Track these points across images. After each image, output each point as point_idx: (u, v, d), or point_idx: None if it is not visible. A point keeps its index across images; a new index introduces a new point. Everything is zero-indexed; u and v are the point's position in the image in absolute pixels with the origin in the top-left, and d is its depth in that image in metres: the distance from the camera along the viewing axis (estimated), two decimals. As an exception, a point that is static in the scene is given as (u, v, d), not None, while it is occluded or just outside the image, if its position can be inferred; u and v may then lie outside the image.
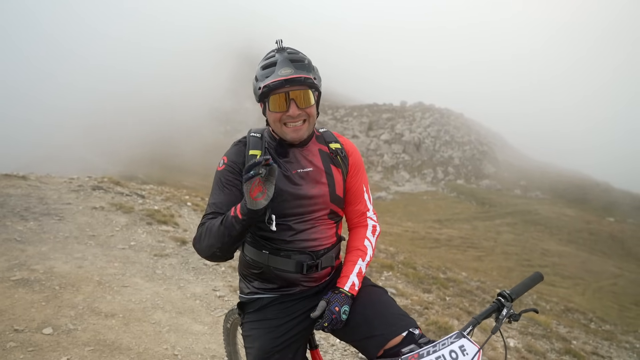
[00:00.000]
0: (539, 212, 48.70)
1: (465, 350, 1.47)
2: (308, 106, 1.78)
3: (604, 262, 35.58)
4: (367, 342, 1.78)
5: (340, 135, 2.05)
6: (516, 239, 39.28)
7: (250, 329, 1.91)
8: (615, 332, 10.63)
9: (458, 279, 9.92)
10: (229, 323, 2.73)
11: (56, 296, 4.05)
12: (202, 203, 9.31)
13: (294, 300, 1.92)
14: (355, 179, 2.00)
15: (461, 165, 71.24)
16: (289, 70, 1.72)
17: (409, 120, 79.54)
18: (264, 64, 1.79)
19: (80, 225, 6.07)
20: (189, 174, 48.62)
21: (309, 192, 1.86)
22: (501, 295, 1.59)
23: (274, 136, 1.90)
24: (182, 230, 6.78)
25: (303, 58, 1.79)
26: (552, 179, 67.21)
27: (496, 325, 1.52)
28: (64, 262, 4.82)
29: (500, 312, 1.56)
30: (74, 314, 3.78)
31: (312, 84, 1.77)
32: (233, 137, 64.68)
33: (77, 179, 8.75)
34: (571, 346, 6.42)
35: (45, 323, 3.58)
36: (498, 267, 29.77)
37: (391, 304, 1.89)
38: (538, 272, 1.70)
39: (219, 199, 1.83)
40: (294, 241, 1.85)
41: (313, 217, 1.88)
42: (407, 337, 1.71)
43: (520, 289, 1.63)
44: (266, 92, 1.75)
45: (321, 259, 1.90)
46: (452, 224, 45.24)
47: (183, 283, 4.83)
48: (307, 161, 1.90)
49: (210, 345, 3.66)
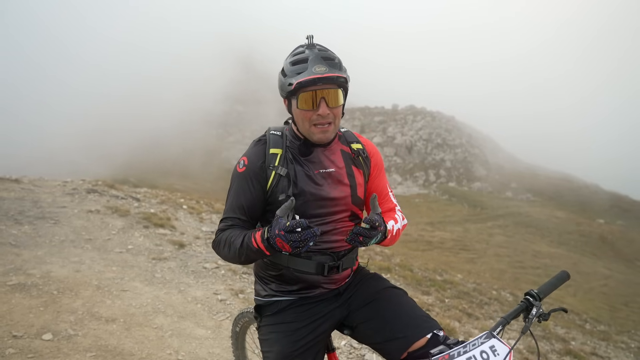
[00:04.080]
0: (530, 214, 48.99)
1: (496, 350, 1.43)
2: (337, 106, 1.74)
3: (594, 264, 35.85)
4: (390, 345, 1.74)
5: (360, 135, 2.01)
6: (508, 241, 39.44)
7: (269, 333, 1.86)
8: (610, 332, 10.67)
9: (455, 280, 9.92)
10: (238, 327, 2.67)
11: (54, 301, 3.97)
12: (197, 206, 9.22)
13: (313, 303, 1.88)
14: (378, 180, 1.97)
15: (453, 168, 71.53)
16: (323, 68, 1.68)
17: (400, 123, 79.75)
18: (293, 60, 1.74)
19: (76, 229, 5.97)
20: (181, 177, 48.32)
21: (331, 193, 1.82)
22: (529, 295, 1.56)
23: (298, 135, 1.85)
24: (179, 233, 6.69)
25: (334, 56, 1.75)
26: (543, 181, 67.76)
27: (526, 325, 1.49)
28: (60, 267, 4.72)
29: (529, 311, 1.53)
30: (73, 319, 3.69)
31: (343, 82, 1.73)
32: (225, 140, 64.54)
33: (71, 182, 8.63)
34: (570, 347, 6.43)
35: (45, 329, 3.50)
36: (490, 269, 29.84)
37: (413, 305, 1.85)
38: (564, 270, 1.68)
39: (238, 202, 1.79)
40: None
41: (334, 218, 1.83)
42: (431, 339, 1.68)
43: (548, 289, 1.61)
44: (297, 89, 1.70)
45: (342, 260, 1.86)
46: (444, 227, 45.32)
47: (183, 287, 4.76)
48: (329, 161, 1.85)
49: (214, 350, 3.59)
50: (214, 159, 55.24)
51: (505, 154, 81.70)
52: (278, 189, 1.78)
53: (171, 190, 14.54)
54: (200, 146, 59.98)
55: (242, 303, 4.57)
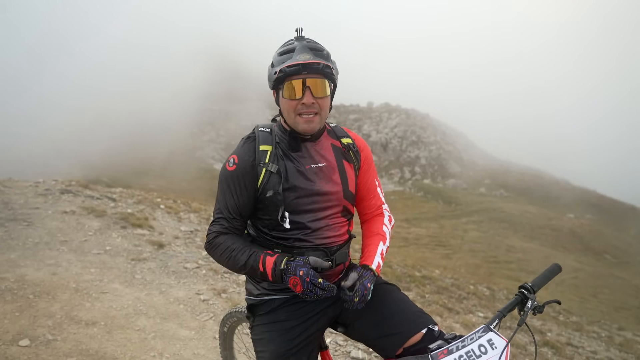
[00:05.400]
0: (504, 210, 50.04)
1: (494, 344, 1.45)
2: (323, 96, 1.72)
3: (565, 257, 36.87)
4: (385, 341, 1.74)
5: (349, 129, 2.00)
6: (482, 236, 40.20)
7: (262, 332, 1.84)
8: (582, 323, 10.99)
9: (433, 276, 10.05)
10: (226, 327, 2.64)
11: (30, 305, 3.84)
12: (175, 206, 9.06)
13: (306, 301, 1.86)
14: (367, 174, 1.96)
15: (428, 165, 72.47)
16: (307, 56, 1.66)
17: (375, 121, 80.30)
18: (281, 51, 1.73)
19: (50, 231, 5.79)
20: (156, 177, 47.44)
21: (323, 188, 1.80)
22: (523, 288, 1.58)
23: (285, 128, 1.83)
24: (157, 233, 6.56)
25: (322, 48, 1.74)
26: (515, 177, 69.29)
27: (521, 317, 1.51)
28: (36, 270, 4.57)
29: (524, 304, 1.55)
30: (51, 324, 3.58)
31: (330, 73, 1.71)
32: (199, 139, 63.62)
33: (43, 182, 8.36)
34: (547, 338, 6.60)
35: (21, 334, 3.38)
36: (466, 264, 30.37)
37: (406, 300, 1.85)
38: (556, 263, 1.71)
39: (229, 203, 1.76)
40: (308, 239, 1.79)
41: (326, 214, 1.82)
42: (427, 334, 1.68)
43: (541, 281, 1.63)
44: (281, 77, 1.68)
45: (335, 256, 1.85)
46: (420, 223, 45.87)
47: (164, 287, 4.67)
48: (320, 156, 1.84)
49: (199, 351, 3.54)
50: (188, 158, 54.42)
51: (478, 151, 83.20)
52: (269, 185, 1.75)
53: (147, 190, 14.26)
54: (175, 145, 59.01)
55: (225, 302, 4.52)
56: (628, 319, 19.75)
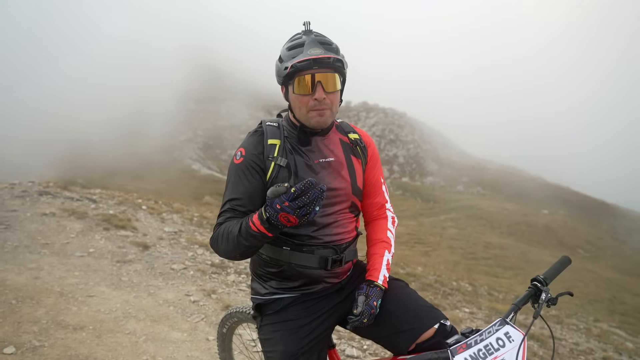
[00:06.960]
0: (481, 207, 50.85)
1: (511, 337, 1.45)
2: (334, 91, 1.70)
3: (540, 252, 37.68)
4: (397, 338, 1.73)
5: (355, 125, 1.99)
6: (460, 233, 40.75)
7: (272, 332, 1.80)
8: (561, 316, 11.25)
9: (417, 273, 10.14)
10: (225, 328, 2.59)
11: (14, 311, 3.70)
12: (157, 207, 8.89)
13: (315, 299, 1.84)
14: (373, 171, 1.94)
15: (406, 163, 73.12)
16: (318, 51, 1.64)
17: (354, 120, 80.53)
18: (290, 45, 1.70)
19: (30, 233, 5.60)
20: (133, 177, 46.56)
21: (332, 183, 1.78)
22: (536, 280, 1.59)
23: (295, 123, 1.80)
24: (141, 234, 6.43)
25: (331, 42, 1.71)
26: (492, 175, 70.54)
27: (536, 310, 1.51)
28: (17, 274, 4.41)
29: (537, 297, 1.56)
30: (37, 330, 3.46)
31: (340, 67, 1.69)
32: (176, 138, 62.67)
33: (19, 184, 8.09)
34: (531, 331, 6.73)
35: (5, 342, 3.25)
36: (445, 261, 30.72)
37: (416, 296, 1.85)
38: (566, 256, 1.73)
39: (237, 194, 1.71)
40: (317, 236, 1.76)
41: (335, 210, 1.80)
42: (439, 329, 1.68)
43: (552, 273, 1.65)
44: (292, 73, 1.65)
45: (344, 253, 1.82)
46: (399, 221, 45.70)
47: (153, 289, 4.57)
48: (328, 150, 1.82)
49: (193, 353, 3.47)
50: (166, 158, 53.53)
51: (456, 149, 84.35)
52: (278, 180, 1.72)
53: (126, 191, 13.96)
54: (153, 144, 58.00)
55: (216, 303, 4.45)
56: (601, 311, 20.30)
